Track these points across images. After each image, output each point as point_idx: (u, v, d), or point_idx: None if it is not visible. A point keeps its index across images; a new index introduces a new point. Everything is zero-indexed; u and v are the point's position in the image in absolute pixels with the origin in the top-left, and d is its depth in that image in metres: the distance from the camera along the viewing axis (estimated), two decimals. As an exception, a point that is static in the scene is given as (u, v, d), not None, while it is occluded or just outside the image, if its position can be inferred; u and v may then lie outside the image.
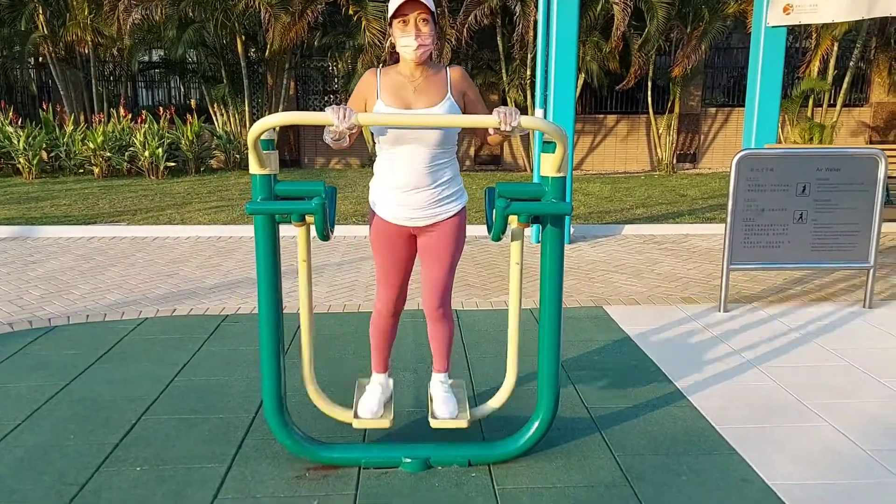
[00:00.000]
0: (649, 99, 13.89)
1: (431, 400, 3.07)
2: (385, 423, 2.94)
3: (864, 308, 4.89)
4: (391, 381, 3.20)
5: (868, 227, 4.86)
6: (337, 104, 2.83)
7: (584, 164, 14.86)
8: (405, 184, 2.79)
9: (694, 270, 5.99)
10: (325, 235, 2.67)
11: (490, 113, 2.58)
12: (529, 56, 12.81)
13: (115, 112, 13.06)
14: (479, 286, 5.52)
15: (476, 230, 7.47)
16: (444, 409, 2.97)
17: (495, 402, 3.07)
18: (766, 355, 4.04)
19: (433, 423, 2.94)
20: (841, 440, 3.05)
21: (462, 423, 2.91)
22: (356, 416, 2.99)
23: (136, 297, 5.23)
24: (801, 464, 2.86)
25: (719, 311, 4.84)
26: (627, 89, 13.50)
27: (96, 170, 12.05)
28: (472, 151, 14.65)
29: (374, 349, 3.12)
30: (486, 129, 2.87)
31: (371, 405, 2.99)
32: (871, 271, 4.88)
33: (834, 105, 13.79)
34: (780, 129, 12.91)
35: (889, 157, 6.56)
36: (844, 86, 13.26)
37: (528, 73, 13.11)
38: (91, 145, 11.92)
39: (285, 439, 2.85)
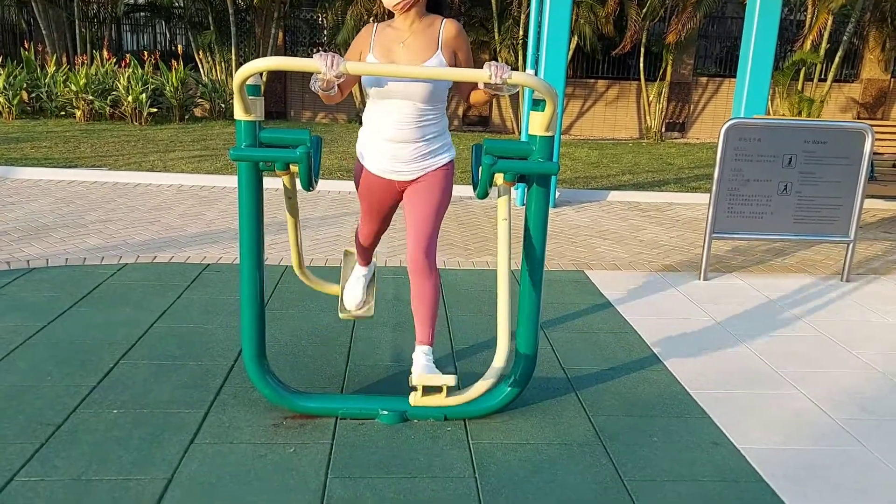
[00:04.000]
0: (641, 65, 13.79)
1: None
2: (369, 313, 3.38)
3: (842, 281, 4.95)
4: (374, 263, 3.49)
5: (851, 201, 4.89)
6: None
7: (573, 129, 14.79)
8: (392, 137, 2.77)
9: (676, 238, 6.02)
10: (309, 185, 2.64)
11: None
12: (523, 15, 12.62)
13: (98, 55, 12.75)
14: (461, 246, 5.52)
15: (461, 190, 7.44)
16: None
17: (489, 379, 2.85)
18: (743, 324, 4.09)
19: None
20: (811, 409, 3.11)
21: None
22: (342, 308, 3.40)
23: (117, 243, 5.18)
24: (771, 430, 2.92)
25: (699, 279, 4.89)
26: (619, 55, 13.37)
27: (78, 113, 11.81)
28: (460, 111, 14.52)
29: (357, 252, 3.35)
30: (471, 88, 2.84)
31: (355, 296, 3.36)
32: (851, 245, 4.94)
33: (825, 80, 13.77)
34: (769, 102, 12.90)
35: (876, 133, 6.58)
36: (836, 61, 13.23)
37: (521, 32, 12.94)
38: (73, 88, 11.66)
39: (264, 388, 2.86)
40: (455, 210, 6.76)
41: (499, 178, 2.69)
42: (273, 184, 7.27)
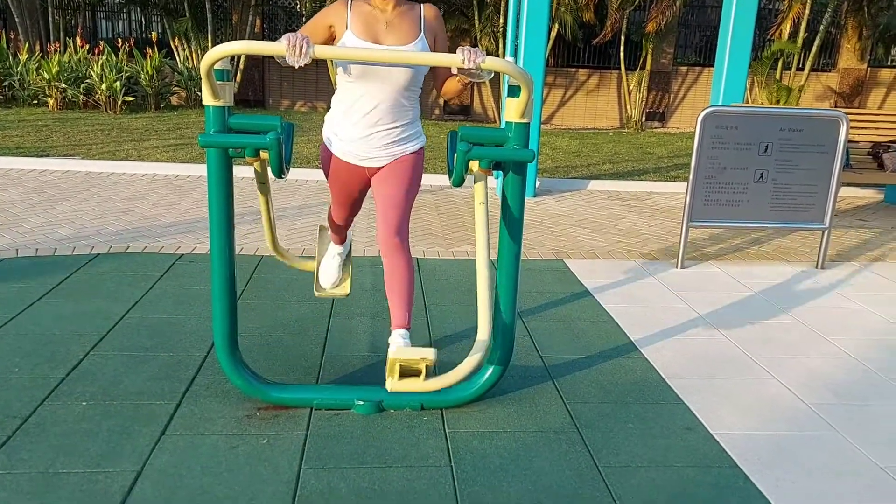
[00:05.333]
0: (622, 54, 13.80)
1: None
2: (345, 291, 3.40)
3: (817, 269, 4.99)
4: (350, 241, 3.49)
5: (826, 189, 4.93)
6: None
7: (554, 118, 14.78)
8: (366, 123, 2.72)
9: (655, 227, 6.04)
10: (280, 172, 2.59)
11: None
12: (502, 3, 12.56)
13: (71, 42, 12.52)
14: (440, 235, 5.49)
15: (440, 180, 7.40)
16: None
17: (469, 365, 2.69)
18: (719, 311, 4.11)
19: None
20: (785, 394, 3.13)
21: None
22: (318, 287, 3.41)
23: (89, 233, 5.09)
24: (744, 415, 2.94)
25: (677, 267, 4.90)
26: (600, 44, 13.37)
27: (51, 101, 11.60)
28: (441, 101, 14.45)
29: (331, 230, 3.32)
30: (446, 76, 2.81)
31: (330, 275, 3.38)
32: (826, 233, 4.97)
33: (802, 69, 13.86)
34: (748, 91, 12.97)
35: (851, 121, 6.63)
36: (814, 50, 13.32)
37: (501, 20, 12.88)
38: (46, 76, 11.44)
39: (236, 379, 2.82)
40: (434, 199, 6.73)
41: (474, 166, 2.67)
42: (248, 172, 7.19)
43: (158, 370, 3.09)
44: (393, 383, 2.69)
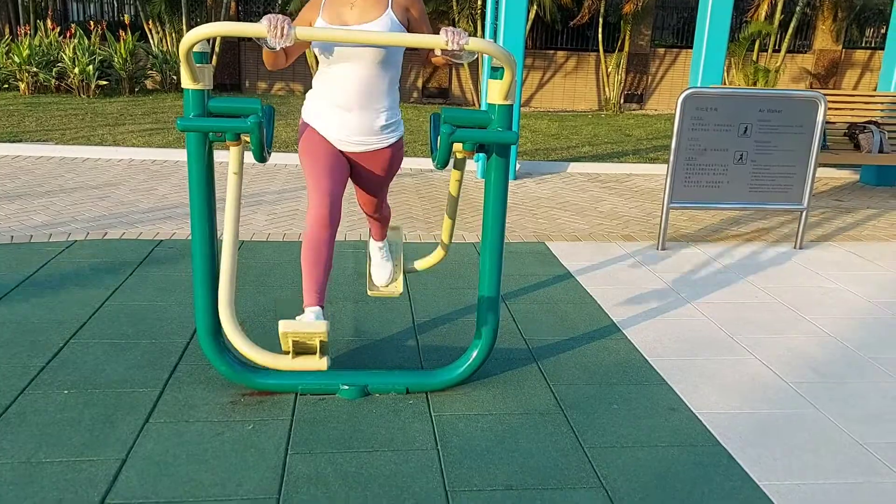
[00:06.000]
0: (600, 36, 13.79)
1: (370, 260, 3.43)
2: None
3: (795, 249, 5.05)
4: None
5: (804, 169, 4.98)
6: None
7: (533, 101, 14.77)
8: (342, 103, 2.70)
9: (635, 209, 6.07)
10: (261, 157, 2.56)
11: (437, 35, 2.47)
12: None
13: (42, 25, 12.24)
14: (422, 219, 5.47)
15: (421, 163, 7.37)
16: (381, 274, 3.36)
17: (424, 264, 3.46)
18: (700, 292, 4.15)
19: (370, 293, 3.34)
20: (766, 373, 3.18)
21: (395, 293, 3.35)
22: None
23: (65, 220, 5.01)
24: (727, 394, 2.97)
25: (658, 248, 4.94)
26: (578, 26, 13.34)
27: (22, 86, 11.36)
28: (419, 83, 14.36)
29: (306, 276, 2.63)
30: (430, 51, 2.78)
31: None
32: (804, 213, 5.03)
33: (778, 50, 13.96)
34: (725, 73, 13.03)
35: (829, 102, 6.70)
36: (790, 31, 13.41)
37: (479, 2, 12.80)
38: (16, 59, 11.19)
39: (220, 365, 2.80)
40: (415, 182, 6.70)
41: (457, 148, 2.65)
42: (227, 157, 7.10)
43: (140, 357, 3.05)
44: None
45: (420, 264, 3.50)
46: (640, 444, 2.58)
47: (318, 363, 2.55)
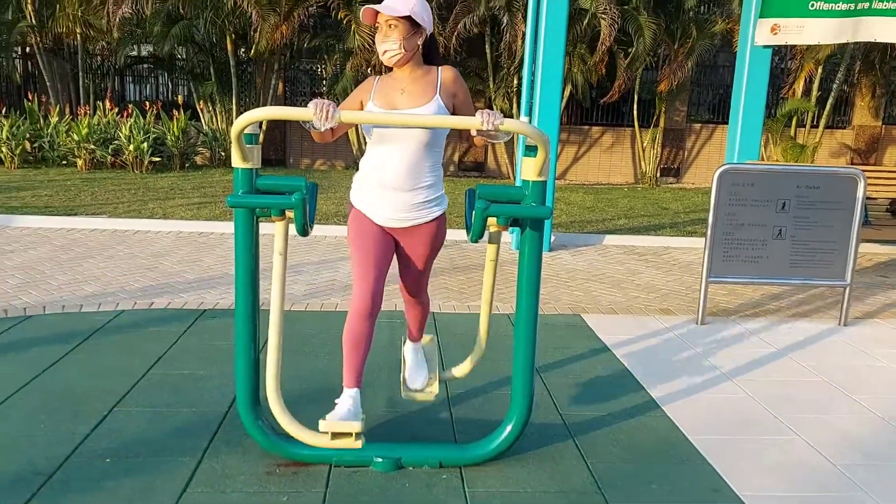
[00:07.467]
0: (635, 112, 14.01)
1: (405, 363, 3.34)
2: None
3: (840, 325, 4.95)
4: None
5: (845, 245, 4.92)
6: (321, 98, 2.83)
7: (568, 174, 14.94)
8: (388, 183, 2.81)
9: (673, 282, 6.03)
10: (304, 231, 2.66)
11: None
12: (515, 64, 12.87)
13: (101, 105, 12.94)
14: (456, 290, 5.52)
15: (455, 235, 7.47)
16: (416, 378, 3.26)
17: (463, 370, 3.32)
18: (742, 368, 4.07)
19: (404, 394, 3.21)
20: (812, 454, 3.08)
21: (430, 397, 3.22)
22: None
23: (114, 290, 5.18)
24: (772, 476, 2.89)
25: (697, 323, 4.88)
26: (613, 102, 13.60)
27: (80, 162, 11.93)
28: (455, 157, 14.68)
29: (346, 359, 2.83)
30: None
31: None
32: (848, 289, 4.95)
33: (817, 126, 13.97)
34: (762, 148, 13.07)
35: (869, 178, 6.66)
36: (827, 108, 13.45)
37: (515, 81, 13.17)
38: (75, 137, 11.80)
39: (258, 435, 2.83)
40: (450, 254, 6.78)
41: (492, 223, 2.73)
42: (270, 230, 7.30)
43: (181, 426, 3.11)
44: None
45: (459, 371, 3.34)
46: (680, 525, 2.51)
47: (354, 444, 2.84)
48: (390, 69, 2.88)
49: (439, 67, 2.88)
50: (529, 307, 2.83)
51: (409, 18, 2.73)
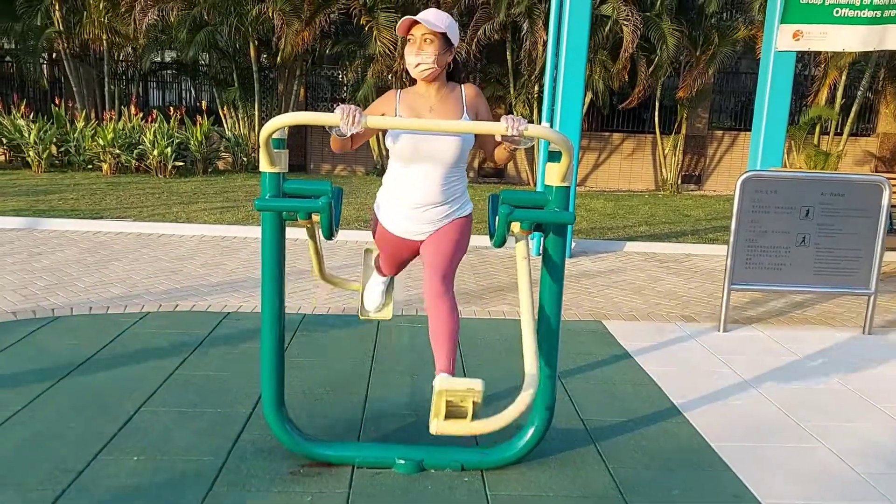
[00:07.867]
0: (656, 119, 13.96)
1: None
2: (387, 316, 3.59)
3: (864, 334, 4.90)
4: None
5: (870, 253, 4.88)
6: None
7: (589, 180, 14.91)
8: (418, 202, 2.85)
9: (695, 289, 6.01)
10: (330, 234, 2.70)
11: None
12: (536, 71, 12.89)
13: (126, 110, 13.15)
14: (476, 295, 5.54)
15: (477, 241, 7.49)
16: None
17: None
18: (764, 376, 4.05)
19: (434, 429, 2.52)
20: (836, 462, 3.06)
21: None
22: (363, 312, 3.60)
23: (140, 292, 5.26)
24: (795, 484, 2.87)
25: (719, 330, 4.86)
26: (634, 108, 13.57)
27: (105, 166, 12.12)
28: (476, 164, 14.71)
29: (376, 267, 3.46)
30: (494, 145, 2.92)
31: (374, 299, 3.55)
32: (872, 298, 4.90)
33: (841, 134, 13.84)
34: (785, 155, 12.96)
35: (894, 186, 6.59)
36: (851, 115, 13.31)
37: (536, 88, 13.19)
38: (101, 142, 11.99)
39: (282, 435, 2.87)
40: (471, 260, 6.80)
41: (515, 227, 2.75)
42: (293, 234, 7.37)
43: (206, 426, 3.15)
44: (438, 424, 2.42)
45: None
46: (702, 531, 2.51)
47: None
48: (413, 82, 2.90)
49: (462, 85, 2.92)
50: (552, 312, 2.84)
51: (444, 35, 2.76)
